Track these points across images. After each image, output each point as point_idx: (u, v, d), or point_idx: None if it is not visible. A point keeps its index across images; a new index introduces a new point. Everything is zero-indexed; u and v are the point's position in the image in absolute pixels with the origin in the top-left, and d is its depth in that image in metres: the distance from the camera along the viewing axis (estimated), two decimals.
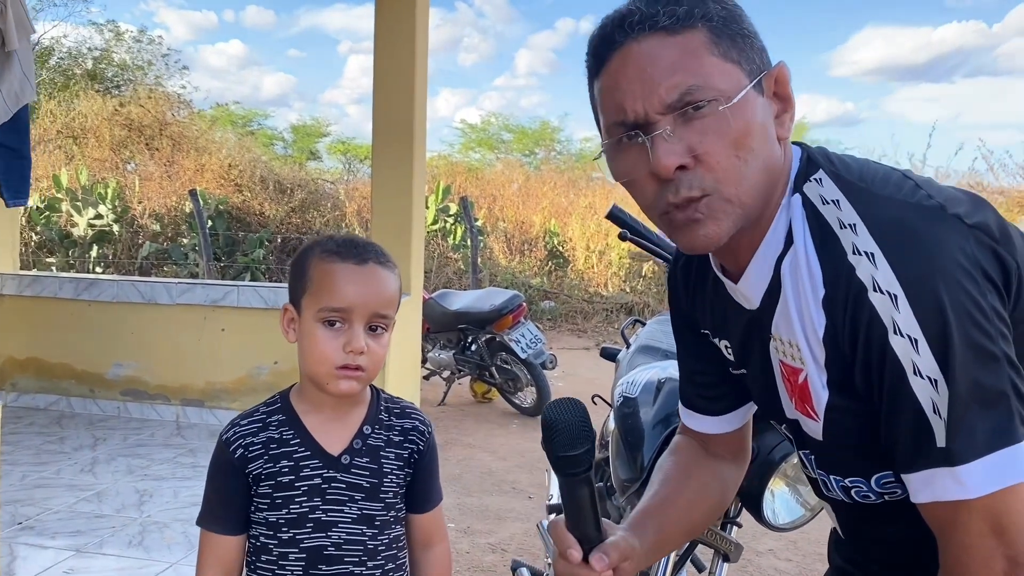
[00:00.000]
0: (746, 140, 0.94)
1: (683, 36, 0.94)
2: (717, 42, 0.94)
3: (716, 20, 0.95)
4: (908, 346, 0.87)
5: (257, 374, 4.62)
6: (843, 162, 1.01)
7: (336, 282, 1.25)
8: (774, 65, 0.98)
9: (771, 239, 1.00)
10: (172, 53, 17.81)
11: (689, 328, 1.22)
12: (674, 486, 1.26)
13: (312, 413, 1.30)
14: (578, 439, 0.97)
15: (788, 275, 0.98)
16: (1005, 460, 0.86)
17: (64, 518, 3.18)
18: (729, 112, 0.93)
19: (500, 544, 3.78)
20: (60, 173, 11.16)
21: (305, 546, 1.27)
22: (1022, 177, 10.79)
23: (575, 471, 0.98)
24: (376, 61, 4.65)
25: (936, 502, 0.90)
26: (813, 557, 3.74)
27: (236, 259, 10.75)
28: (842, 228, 0.93)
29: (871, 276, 0.89)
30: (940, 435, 0.87)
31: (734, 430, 1.25)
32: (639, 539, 1.14)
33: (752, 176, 0.95)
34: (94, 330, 4.85)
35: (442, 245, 11.28)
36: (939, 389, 0.87)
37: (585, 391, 6.99)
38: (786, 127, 0.99)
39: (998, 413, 0.86)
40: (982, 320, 0.87)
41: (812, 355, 0.97)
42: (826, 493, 1.10)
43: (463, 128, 22.67)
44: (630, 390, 2.05)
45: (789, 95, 0.98)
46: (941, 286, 0.87)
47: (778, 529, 1.75)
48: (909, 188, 0.95)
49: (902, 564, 1.06)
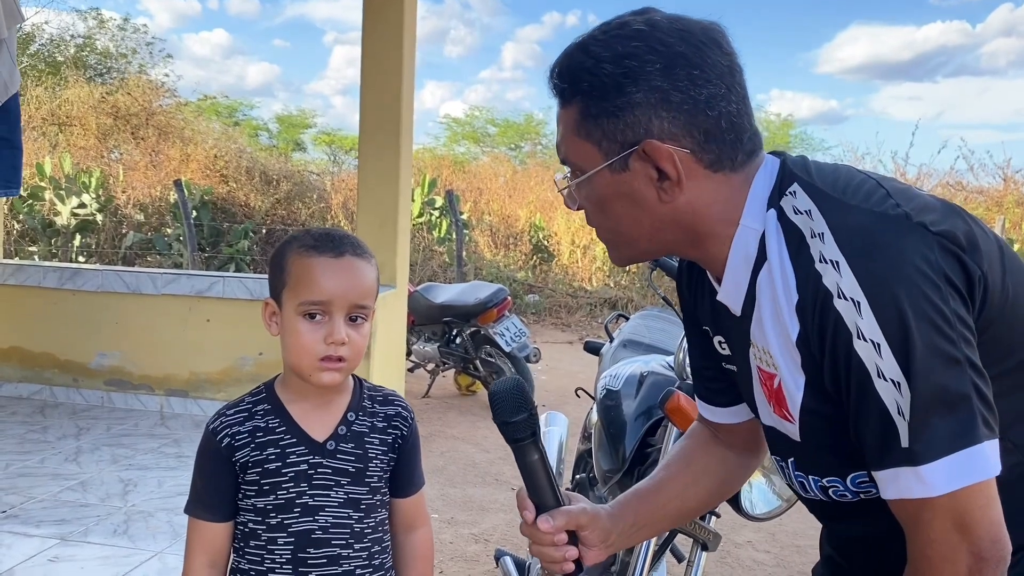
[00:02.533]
0: (607, 207, 1.09)
1: (565, 111, 1.09)
2: (582, 122, 1.06)
3: (591, 95, 1.04)
4: (871, 350, 0.91)
5: (242, 365, 4.63)
6: (820, 171, 1.05)
7: (314, 276, 1.28)
8: (642, 141, 1.03)
9: (736, 257, 1.05)
10: (156, 42, 17.70)
11: (694, 324, 1.27)
12: (672, 469, 1.32)
13: (297, 402, 1.34)
14: (518, 407, 1.11)
15: (764, 287, 1.02)
16: (966, 460, 0.90)
17: (48, 507, 3.18)
18: (584, 186, 1.09)
19: (483, 535, 3.82)
20: (43, 161, 11.06)
21: (293, 530, 1.30)
22: (1001, 177, 10.90)
23: (519, 437, 1.12)
24: (364, 51, 4.64)
25: (902, 499, 0.94)
26: (790, 549, 3.80)
27: (221, 250, 10.70)
28: (812, 237, 0.97)
29: (836, 283, 0.93)
30: (904, 435, 0.91)
31: (742, 422, 1.28)
32: (619, 516, 1.22)
33: (633, 230, 1.09)
34: (78, 320, 4.83)
35: (427, 238, 11.27)
36: (902, 391, 0.90)
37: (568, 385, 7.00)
38: (669, 193, 1.05)
39: (960, 415, 0.90)
40: (943, 325, 0.90)
41: (785, 360, 1.01)
42: (804, 495, 1.14)
43: (448, 122, 22.66)
44: (613, 383, 2.09)
45: (662, 168, 1.03)
46: (902, 292, 0.90)
47: (755, 519, 1.79)
48: (879, 197, 0.99)
49: (879, 560, 1.10)
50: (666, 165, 1.03)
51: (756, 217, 1.04)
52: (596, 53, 1.03)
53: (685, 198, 1.05)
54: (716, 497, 1.36)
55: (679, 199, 1.05)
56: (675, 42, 1.01)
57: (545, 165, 16.21)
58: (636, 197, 1.06)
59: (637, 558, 1.74)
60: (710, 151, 1.04)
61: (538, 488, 1.15)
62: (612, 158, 1.05)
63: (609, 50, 1.03)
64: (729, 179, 1.05)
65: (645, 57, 1.01)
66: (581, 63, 1.05)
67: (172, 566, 2.72)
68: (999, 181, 11.06)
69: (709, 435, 1.33)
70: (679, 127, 1.02)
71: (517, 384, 1.14)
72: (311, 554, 1.30)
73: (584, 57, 1.05)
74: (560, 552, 1.17)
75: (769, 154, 1.09)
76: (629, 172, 1.05)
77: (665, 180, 1.04)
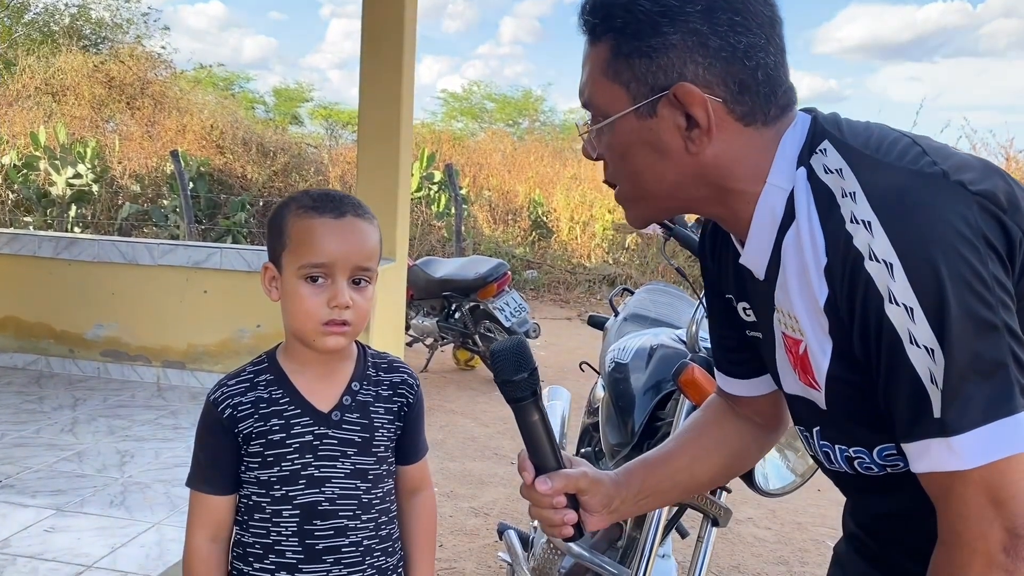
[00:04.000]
0: (628, 156, 1.03)
1: (594, 48, 1.02)
2: (612, 61, 1.00)
3: (624, 32, 0.98)
4: (904, 315, 0.87)
5: (239, 337, 4.59)
6: (852, 128, 1.00)
7: (315, 237, 1.23)
8: (674, 85, 0.97)
9: (762, 217, 1.01)
10: (152, 12, 17.50)
11: (716, 294, 1.23)
12: (683, 440, 1.29)
13: (300, 372, 1.30)
14: (519, 366, 1.10)
15: (790, 249, 0.98)
16: (1002, 431, 0.85)
17: (44, 477, 3.15)
18: (605, 132, 1.03)
19: (483, 508, 3.80)
20: (38, 131, 10.95)
21: (299, 502, 1.26)
22: (1004, 156, 10.85)
23: (520, 397, 1.11)
24: (364, 24, 4.57)
25: (933, 472, 0.89)
26: (791, 526, 3.79)
27: (217, 222, 10.63)
28: (843, 197, 0.92)
29: (867, 245, 0.88)
30: (936, 405, 0.87)
31: (763, 395, 1.25)
32: (624, 483, 1.19)
33: (655, 183, 1.03)
34: (74, 290, 4.78)
35: (426, 213, 11.21)
36: (936, 359, 0.86)
37: (568, 360, 6.98)
38: (697, 143, 0.99)
39: (996, 383, 0.86)
40: (981, 289, 0.86)
41: (812, 325, 0.97)
42: (829, 467, 1.10)
43: (445, 98, 22.50)
44: (622, 356, 2.05)
45: (693, 114, 0.98)
46: (938, 254, 0.86)
47: (769, 495, 1.76)
48: (914, 155, 0.94)
49: (906, 537, 1.06)
50: (697, 112, 0.98)
51: (785, 175, 0.99)
52: None
53: (712, 150, 1.00)
54: (728, 471, 1.32)
55: (706, 151, 1.00)
56: None
57: (544, 141, 16.13)
58: (661, 146, 1.01)
59: (647, 534, 1.72)
60: (743, 103, 0.99)
61: (538, 449, 1.13)
62: (640, 102, 0.99)
63: None
64: (760, 134, 1.01)
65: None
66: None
67: (169, 537, 2.69)
68: (1002, 161, 11.04)
69: (726, 408, 1.30)
70: (714, 75, 0.97)
71: (519, 343, 1.12)
72: (318, 526, 1.27)
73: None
74: (559, 515, 1.14)
75: (801, 111, 1.05)
76: (656, 118, 1.00)
77: (694, 129, 0.99)
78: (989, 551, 0.88)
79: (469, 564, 3.23)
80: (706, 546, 1.81)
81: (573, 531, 1.15)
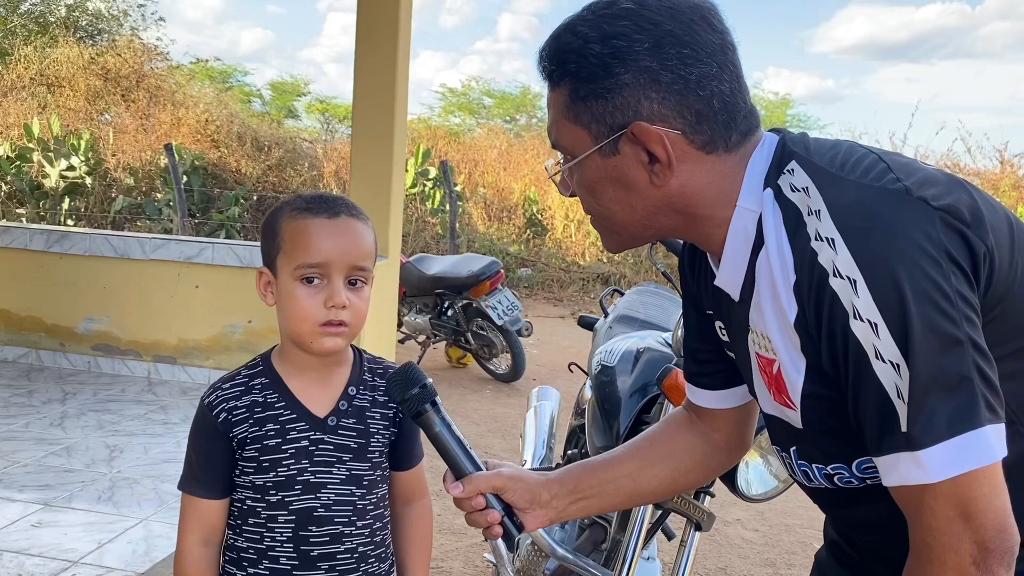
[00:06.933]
0: (598, 192, 1.06)
1: (554, 93, 1.06)
2: (571, 105, 1.03)
3: (578, 76, 1.01)
4: (869, 331, 0.88)
5: (231, 332, 4.58)
6: (819, 147, 1.01)
7: (310, 238, 1.23)
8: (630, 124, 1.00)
9: (735, 239, 1.03)
10: (148, 4, 17.42)
11: (694, 307, 1.24)
12: (631, 448, 1.30)
13: (295, 376, 1.29)
14: (408, 383, 1.17)
15: (762, 269, 0.99)
16: (967, 444, 0.86)
17: (32, 471, 3.15)
18: (575, 170, 1.07)
19: None
20: (32, 122, 10.91)
21: (294, 508, 1.26)
22: (998, 160, 10.88)
23: (417, 411, 1.17)
24: (359, 18, 4.57)
25: (902, 486, 0.90)
26: (779, 528, 3.80)
27: (211, 216, 10.61)
28: (809, 215, 0.93)
29: (832, 261, 0.90)
30: (903, 419, 0.88)
31: (729, 408, 1.25)
32: (557, 481, 1.23)
33: (626, 215, 1.07)
34: (65, 283, 4.77)
35: (420, 209, 11.20)
36: (901, 373, 0.87)
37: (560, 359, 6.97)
38: (661, 176, 1.02)
39: (960, 398, 0.86)
40: (944, 303, 0.86)
41: (785, 344, 0.98)
42: (808, 485, 1.11)
43: (443, 92, 22.46)
44: (608, 359, 2.06)
45: (652, 150, 1.01)
46: (900, 269, 0.87)
47: (751, 500, 1.76)
48: (878, 172, 0.95)
49: (885, 545, 1.07)
50: (655, 148, 1.00)
51: (753, 198, 1.01)
52: (583, 33, 1.00)
53: (677, 181, 1.02)
54: (673, 485, 1.31)
55: (671, 182, 1.02)
56: (664, 20, 0.98)
57: (541, 138, 16.11)
58: (627, 181, 1.04)
59: (629, 536, 1.72)
60: (702, 132, 1.00)
61: (450, 457, 1.18)
62: (602, 141, 1.02)
63: (596, 30, 1.00)
64: (724, 160, 1.02)
65: (633, 37, 0.98)
66: (568, 44, 1.02)
67: (157, 533, 2.69)
68: (996, 164, 11.07)
69: (686, 421, 1.30)
70: (669, 108, 0.99)
71: (406, 365, 1.19)
72: (313, 532, 1.26)
73: (572, 38, 1.02)
74: (481, 516, 1.17)
75: (768, 132, 1.06)
76: (619, 156, 1.03)
77: (656, 163, 1.01)
78: (960, 564, 0.88)
79: (456, 563, 3.24)
80: (689, 550, 1.81)
81: (502, 530, 1.18)
